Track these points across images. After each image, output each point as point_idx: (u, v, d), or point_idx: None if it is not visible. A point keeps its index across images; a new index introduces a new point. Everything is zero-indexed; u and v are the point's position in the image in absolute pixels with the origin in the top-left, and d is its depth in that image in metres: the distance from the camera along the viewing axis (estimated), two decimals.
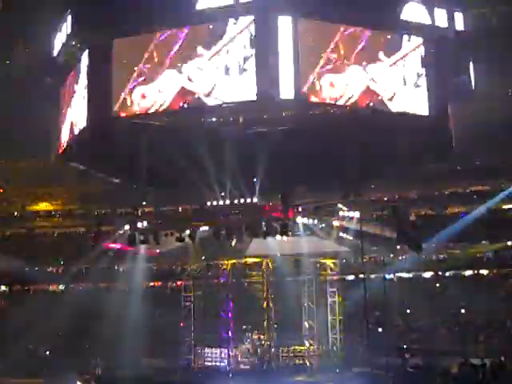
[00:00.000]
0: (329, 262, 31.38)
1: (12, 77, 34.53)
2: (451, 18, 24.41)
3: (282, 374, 28.96)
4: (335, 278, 31.92)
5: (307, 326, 31.37)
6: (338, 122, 23.99)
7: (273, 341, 30.30)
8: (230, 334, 30.29)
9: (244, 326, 32.05)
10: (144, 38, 23.99)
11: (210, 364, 30.75)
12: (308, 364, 29.94)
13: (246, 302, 32.51)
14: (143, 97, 23.82)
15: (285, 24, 22.34)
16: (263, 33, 22.35)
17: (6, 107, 35.01)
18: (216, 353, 30.87)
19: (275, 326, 30.89)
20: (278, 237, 27.55)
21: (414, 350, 29.70)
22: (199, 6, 22.68)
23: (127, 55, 24.28)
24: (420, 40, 24.56)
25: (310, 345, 30.83)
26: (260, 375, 28.78)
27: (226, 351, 30.10)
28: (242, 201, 26.67)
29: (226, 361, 30.01)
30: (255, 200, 26.81)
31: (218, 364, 30.48)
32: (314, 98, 22.77)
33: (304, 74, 22.51)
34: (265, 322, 30.28)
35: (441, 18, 24.35)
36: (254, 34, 22.19)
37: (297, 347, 30.78)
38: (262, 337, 30.81)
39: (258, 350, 30.53)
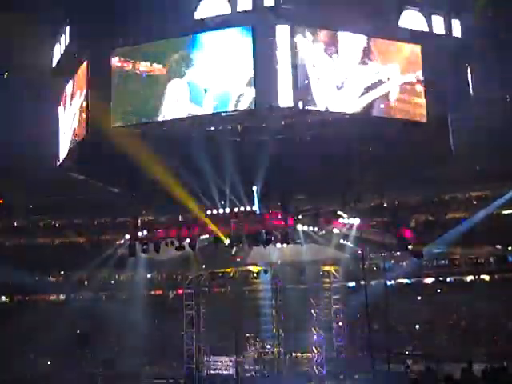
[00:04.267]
0: (331, 269, 31.36)
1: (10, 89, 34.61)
2: (448, 26, 24.52)
3: (289, 381, 28.97)
4: (337, 284, 31.91)
5: (314, 332, 31.22)
6: (337, 129, 24.02)
7: (279, 348, 30.33)
8: (235, 341, 30.25)
9: (247, 334, 32.00)
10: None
11: (214, 372, 30.74)
12: (316, 371, 29.93)
13: (248, 310, 32.42)
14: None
15: (283, 32, 22.43)
16: (261, 41, 22.45)
17: (4, 118, 35.08)
18: (221, 361, 30.88)
19: (281, 333, 30.90)
20: (279, 245, 27.58)
21: (415, 355, 29.71)
22: (197, 16, 22.85)
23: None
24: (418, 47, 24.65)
25: (318, 351, 30.76)
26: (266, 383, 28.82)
27: (232, 359, 30.09)
28: (242, 209, 26.66)
29: (231, 369, 29.98)
30: (255, 208, 26.80)
31: (223, 372, 30.48)
32: (312, 106, 22.85)
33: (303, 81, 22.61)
34: (274, 330, 30.38)
35: (438, 25, 24.48)
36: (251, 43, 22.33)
37: (303, 354, 30.78)
38: (265, 344, 30.83)
39: (264, 358, 30.51)
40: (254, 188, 26.73)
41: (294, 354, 30.94)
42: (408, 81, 24.54)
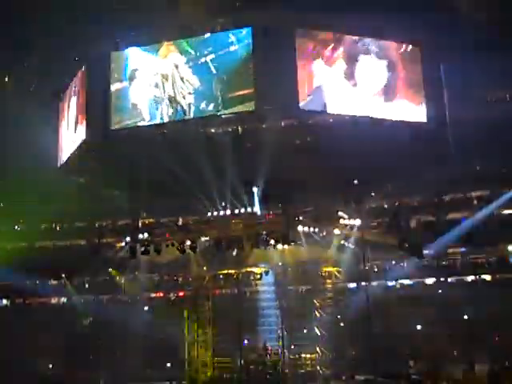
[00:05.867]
0: (333, 270, 31.31)
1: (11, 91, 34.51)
2: None
3: (292, 382, 28.96)
4: (339, 285, 31.92)
5: (318, 333, 31.14)
6: (339, 130, 24.07)
7: (282, 349, 30.34)
8: (237, 343, 30.27)
9: (250, 336, 31.97)
10: None
11: (217, 374, 30.73)
12: (321, 372, 29.91)
13: (251, 312, 32.39)
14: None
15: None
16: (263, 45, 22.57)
17: (4, 121, 34.97)
18: (224, 362, 30.88)
19: (284, 334, 30.89)
20: (280, 246, 27.59)
21: (417, 355, 29.67)
22: None
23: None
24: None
25: (322, 352, 30.72)
26: None
27: (235, 360, 30.09)
28: (243, 210, 26.66)
29: (234, 370, 29.98)
30: (256, 209, 26.82)
31: (226, 374, 30.46)
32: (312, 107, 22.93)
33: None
34: (277, 330, 30.36)
35: None
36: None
37: (306, 355, 30.77)
38: (268, 345, 30.83)
39: (267, 359, 30.51)
40: (255, 189, 26.77)
41: (296, 355, 30.91)
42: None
